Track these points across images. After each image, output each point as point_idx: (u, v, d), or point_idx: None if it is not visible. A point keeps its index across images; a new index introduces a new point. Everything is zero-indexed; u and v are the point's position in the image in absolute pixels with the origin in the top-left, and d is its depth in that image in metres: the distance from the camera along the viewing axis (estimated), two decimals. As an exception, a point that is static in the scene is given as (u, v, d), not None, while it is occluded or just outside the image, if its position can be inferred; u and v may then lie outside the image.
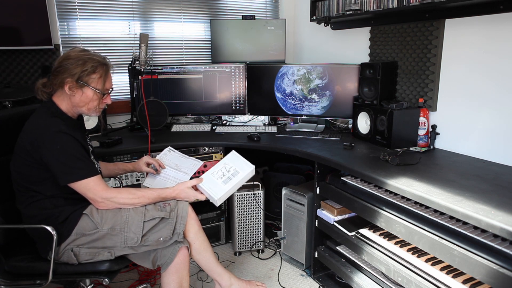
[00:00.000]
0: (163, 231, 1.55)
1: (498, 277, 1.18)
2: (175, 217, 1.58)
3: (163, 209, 1.59)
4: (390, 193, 1.67)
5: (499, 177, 1.60)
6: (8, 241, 1.52)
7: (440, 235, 1.39)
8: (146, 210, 1.57)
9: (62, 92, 1.52)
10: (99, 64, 1.53)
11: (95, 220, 1.52)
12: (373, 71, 2.25)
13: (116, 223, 1.53)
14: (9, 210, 1.54)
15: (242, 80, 2.76)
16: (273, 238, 2.70)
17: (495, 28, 1.78)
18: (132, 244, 1.52)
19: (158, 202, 1.62)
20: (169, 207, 1.60)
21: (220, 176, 1.76)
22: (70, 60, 1.48)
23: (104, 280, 1.50)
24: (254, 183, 2.46)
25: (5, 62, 2.43)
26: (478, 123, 1.91)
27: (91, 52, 1.55)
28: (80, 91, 1.51)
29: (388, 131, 2.07)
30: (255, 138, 2.40)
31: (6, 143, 1.59)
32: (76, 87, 1.49)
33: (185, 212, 1.61)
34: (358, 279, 1.86)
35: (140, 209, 1.57)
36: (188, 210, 1.63)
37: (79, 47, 1.59)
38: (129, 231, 1.52)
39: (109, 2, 2.72)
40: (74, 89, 1.49)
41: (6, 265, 1.46)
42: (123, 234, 1.52)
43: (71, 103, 1.54)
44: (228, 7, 3.17)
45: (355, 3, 2.30)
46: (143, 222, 1.53)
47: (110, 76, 1.59)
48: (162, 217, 1.56)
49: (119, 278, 2.26)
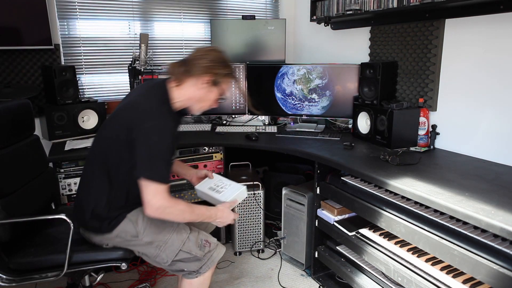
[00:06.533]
0: (190, 265, 1.56)
1: (498, 277, 1.18)
2: (207, 259, 1.58)
3: (203, 248, 1.57)
4: (390, 193, 1.67)
5: (500, 177, 1.60)
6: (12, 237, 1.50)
7: (440, 235, 1.39)
8: (188, 239, 1.54)
9: (190, 82, 1.49)
10: (233, 73, 1.57)
11: (138, 228, 1.50)
12: (373, 71, 2.25)
13: (156, 239, 1.52)
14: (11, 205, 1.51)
15: (242, 80, 2.76)
16: (273, 238, 2.70)
17: (495, 28, 1.78)
18: (159, 261, 1.54)
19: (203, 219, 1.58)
20: (208, 248, 1.59)
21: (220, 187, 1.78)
22: (216, 58, 1.49)
23: (122, 264, 1.50)
24: (254, 183, 2.46)
25: (5, 62, 2.43)
26: (479, 123, 1.91)
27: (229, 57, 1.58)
28: (210, 89, 1.51)
29: (388, 131, 2.07)
30: (253, 137, 2.41)
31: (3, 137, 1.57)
32: (210, 84, 1.50)
33: (217, 257, 1.61)
34: (358, 279, 1.86)
35: (183, 236, 1.54)
36: (220, 256, 1.63)
37: (219, 47, 1.58)
38: (164, 252, 1.52)
39: (109, 2, 2.72)
40: (208, 85, 1.50)
41: (11, 263, 1.44)
42: (157, 251, 1.52)
43: (189, 95, 1.51)
44: (228, 7, 3.17)
45: (355, 3, 2.30)
46: (179, 250, 1.53)
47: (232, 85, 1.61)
48: (197, 255, 1.56)
49: (119, 278, 2.26)
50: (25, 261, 1.46)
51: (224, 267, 2.41)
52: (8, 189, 1.51)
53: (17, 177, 1.58)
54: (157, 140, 1.37)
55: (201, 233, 1.61)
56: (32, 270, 1.46)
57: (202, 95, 1.52)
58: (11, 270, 1.44)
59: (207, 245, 1.59)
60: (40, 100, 2.55)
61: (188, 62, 1.49)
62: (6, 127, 1.57)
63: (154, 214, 1.40)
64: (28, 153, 1.68)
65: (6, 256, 1.45)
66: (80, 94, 2.56)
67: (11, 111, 1.61)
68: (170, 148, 1.44)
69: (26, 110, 1.70)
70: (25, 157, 1.66)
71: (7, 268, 1.43)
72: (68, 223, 1.42)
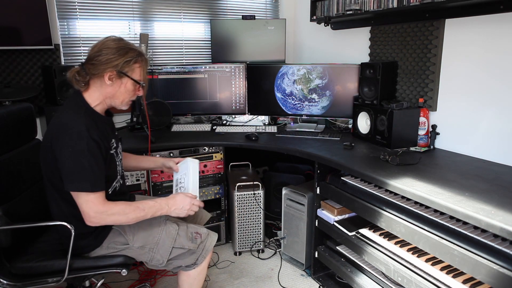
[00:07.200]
0: (186, 260, 1.57)
1: (498, 277, 1.18)
2: (201, 250, 1.59)
3: (194, 241, 1.58)
4: (390, 193, 1.67)
5: (500, 177, 1.60)
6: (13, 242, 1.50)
7: (440, 235, 1.39)
8: (178, 235, 1.56)
9: (96, 83, 1.45)
10: (139, 55, 1.48)
11: (126, 236, 1.51)
12: (373, 71, 2.25)
13: (147, 242, 1.53)
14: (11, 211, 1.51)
15: (242, 80, 2.76)
16: (273, 238, 2.70)
17: (495, 28, 1.78)
18: (156, 264, 1.55)
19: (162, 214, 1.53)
20: (200, 239, 1.60)
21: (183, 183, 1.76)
22: (111, 49, 1.41)
23: (123, 270, 1.50)
24: (254, 183, 2.46)
25: (5, 62, 2.43)
26: (479, 122, 1.91)
27: (127, 41, 1.48)
28: (119, 82, 1.45)
29: (388, 131, 2.07)
30: (253, 137, 2.41)
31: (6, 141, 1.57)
32: (116, 77, 1.43)
33: (211, 246, 1.63)
34: (358, 279, 1.86)
35: (172, 233, 1.55)
36: (213, 244, 1.64)
37: (114, 36, 1.48)
38: (157, 253, 1.53)
39: (109, 2, 2.72)
40: (114, 79, 1.43)
41: (12, 268, 1.44)
42: (151, 254, 1.53)
43: (104, 95, 1.46)
44: (228, 7, 3.18)
45: (355, 3, 2.30)
46: (172, 248, 1.54)
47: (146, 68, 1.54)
48: (190, 249, 1.57)
49: (119, 278, 2.26)
50: (26, 266, 1.46)
51: (224, 267, 2.41)
52: (10, 195, 1.51)
53: (19, 182, 1.58)
54: (73, 150, 1.33)
55: (190, 226, 1.62)
56: (33, 275, 1.46)
57: (114, 91, 1.46)
58: (12, 275, 1.44)
59: (198, 236, 1.60)
60: (40, 100, 2.55)
61: (86, 63, 1.44)
62: (9, 132, 1.56)
63: (94, 222, 1.37)
64: (29, 158, 1.67)
65: (7, 261, 1.46)
66: (80, 94, 2.55)
67: (14, 115, 1.60)
68: (95, 153, 1.37)
69: (29, 114, 1.69)
70: (27, 162, 1.65)
71: (9, 273, 1.43)
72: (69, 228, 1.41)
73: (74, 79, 1.44)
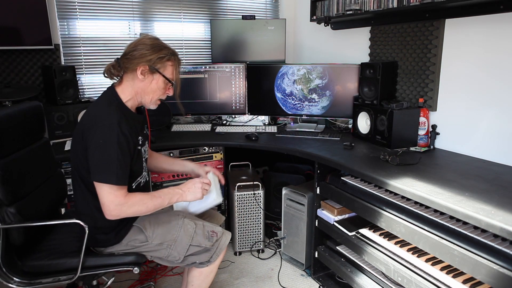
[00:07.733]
0: (201, 257, 1.60)
1: (498, 277, 1.18)
2: (216, 248, 1.62)
3: (210, 239, 1.61)
4: (390, 193, 1.67)
5: (500, 177, 1.60)
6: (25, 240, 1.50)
7: (440, 235, 1.39)
8: (195, 233, 1.58)
9: (129, 77, 1.49)
10: (173, 54, 1.52)
11: (147, 233, 1.53)
12: (373, 71, 2.25)
13: (165, 239, 1.55)
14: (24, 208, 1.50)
15: (242, 80, 2.76)
16: (273, 238, 2.70)
17: (495, 28, 1.78)
18: (172, 260, 1.57)
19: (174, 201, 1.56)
20: (215, 237, 1.62)
21: None
22: (145, 45, 1.46)
23: (134, 268, 1.51)
24: (254, 183, 2.46)
25: (5, 62, 2.43)
26: (479, 122, 1.91)
27: (162, 41, 1.53)
28: (151, 78, 1.48)
29: (388, 131, 2.07)
30: (253, 137, 2.41)
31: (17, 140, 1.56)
32: (148, 73, 1.47)
33: (225, 245, 1.65)
34: (358, 279, 1.86)
35: (190, 231, 1.57)
36: (227, 242, 1.66)
37: (151, 34, 1.55)
38: (175, 250, 1.55)
39: (109, 2, 2.72)
40: (146, 74, 1.47)
41: (24, 267, 1.44)
42: (168, 250, 1.55)
43: (135, 90, 1.50)
44: (228, 7, 3.18)
45: (355, 3, 2.30)
46: (189, 245, 1.56)
47: (178, 68, 1.57)
48: (206, 246, 1.59)
49: (119, 277, 2.26)
50: (38, 264, 1.46)
51: (224, 267, 2.41)
52: (22, 193, 1.51)
53: (30, 180, 1.58)
54: (104, 141, 1.36)
55: (206, 224, 1.64)
56: (45, 273, 1.47)
57: (145, 87, 1.50)
58: (24, 273, 1.44)
59: (214, 235, 1.62)
60: (40, 100, 2.55)
61: (121, 58, 1.49)
62: (20, 130, 1.56)
63: (113, 215, 1.40)
64: (39, 156, 1.68)
65: (19, 259, 1.46)
66: (80, 94, 2.56)
67: (24, 114, 1.60)
68: (123, 147, 1.40)
69: (38, 112, 1.70)
70: (37, 160, 1.66)
71: (21, 271, 1.44)
72: (82, 226, 1.42)
73: (109, 72, 1.49)
